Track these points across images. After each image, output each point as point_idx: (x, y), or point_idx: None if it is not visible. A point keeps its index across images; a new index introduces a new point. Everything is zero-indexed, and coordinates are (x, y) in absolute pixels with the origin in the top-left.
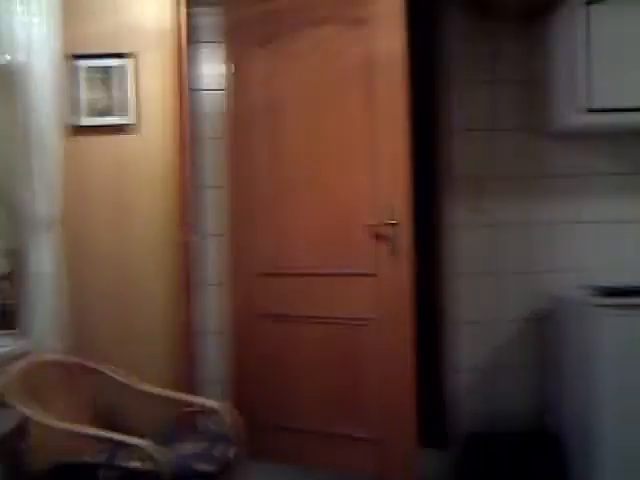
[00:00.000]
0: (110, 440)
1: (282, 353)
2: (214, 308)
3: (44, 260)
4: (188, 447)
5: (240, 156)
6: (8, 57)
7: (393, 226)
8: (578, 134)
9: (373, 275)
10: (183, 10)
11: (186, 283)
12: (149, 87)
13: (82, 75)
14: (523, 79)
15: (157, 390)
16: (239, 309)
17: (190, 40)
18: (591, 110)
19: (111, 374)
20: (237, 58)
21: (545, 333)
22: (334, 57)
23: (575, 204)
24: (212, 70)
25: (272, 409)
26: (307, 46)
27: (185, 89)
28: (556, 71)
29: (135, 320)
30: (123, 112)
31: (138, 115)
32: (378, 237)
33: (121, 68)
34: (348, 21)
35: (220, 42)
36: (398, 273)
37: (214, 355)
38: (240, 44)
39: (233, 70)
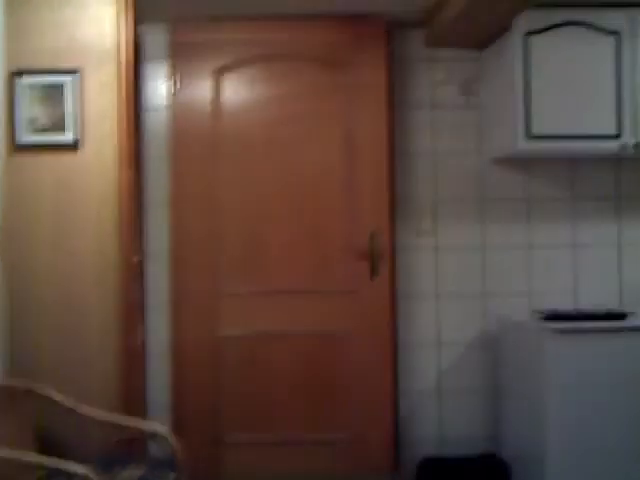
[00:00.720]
0: (49, 467)
1: (250, 371)
2: (165, 329)
3: None
4: (130, 472)
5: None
6: None
7: (374, 248)
8: (522, 159)
9: (354, 292)
10: (130, 27)
11: (131, 303)
12: (93, 104)
13: (24, 92)
14: (468, 105)
15: (101, 414)
16: (196, 329)
17: (137, 57)
18: (531, 137)
19: (53, 397)
20: (184, 78)
21: (494, 357)
22: (304, 88)
23: (521, 228)
24: (159, 88)
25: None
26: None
27: (130, 106)
28: (498, 98)
29: (78, 342)
30: (66, 130)
31: (81, 133)
32: (358, 260)
33: (64, 85)
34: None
35: (166, 61)
36: (379, 292)
37: (165, 376)
38: (188, 66)
39: (177, 90)
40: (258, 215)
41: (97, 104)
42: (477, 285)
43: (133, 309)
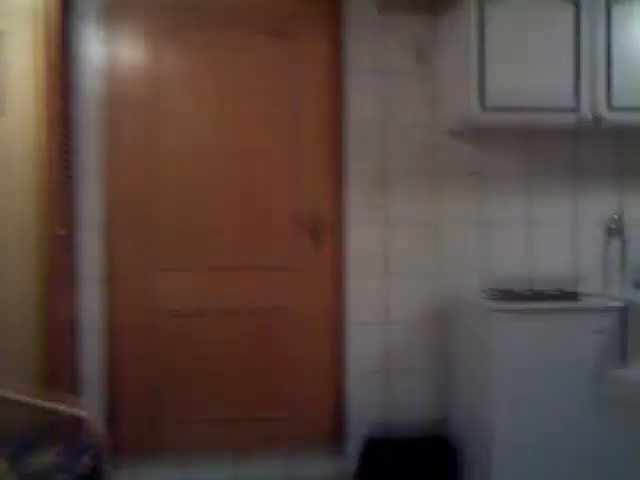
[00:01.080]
0: None
1: (189, 347)
2: (99, 304)
3: None
4: (49, 457)
5: (124, 141)
6: None
7: (317, 221)
8: (476, 132)
9: (297, 268)
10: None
11: (55, 279)
12: (16, 67)
13: None
14: (422, 73)
15: (20, 397)
16: (131, 305)
17: (68, 17)
18: (485, 108)
19: None
20: (119, 42)
21: (445, 337)
22: (247, 57)
23: (474, 202)
24: (93, 51)
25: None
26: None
27: (56, 68)
28: (452, 67)
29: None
30: None
31: (3, 97)
32: (301, 233)
33: None
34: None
35: (100, 22)
36: (323, 267)
37: (99, 353)
38: (124, 28)
39: (111, 53)
40: (198, 187)
41: (20, 66)
42: (428, 262)
43: (58, 285)
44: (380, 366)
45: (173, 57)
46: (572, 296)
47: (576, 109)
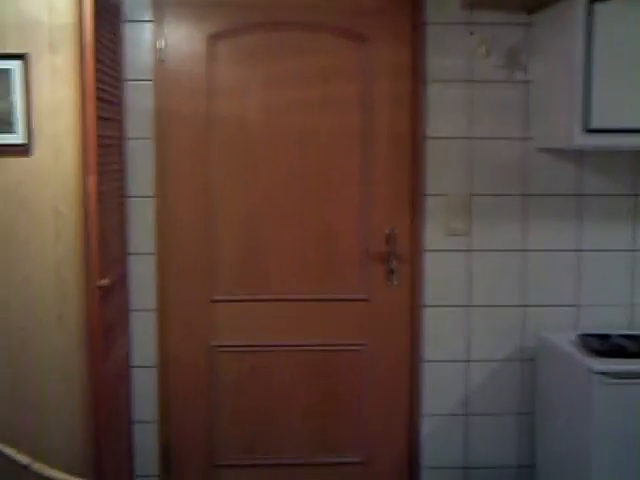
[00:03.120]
0: None
1: (248, 387)
2: (151, 340)
3: None
4: None
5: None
6: None
7: (391, 250)
8: (576, 152)
9: (368, 300)
10: None
11: (96, 333)
12: (45, 96)
13: None
14: (512, 80)
15: (64, 477)
16: (186, 339)
17: (116, 19)
18: (590, 130)
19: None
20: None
21: (531, 379)
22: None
23: (569, 229)
24: (142, 56)
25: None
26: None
27: (92, 97)
28: (551, 76)
29: (30, 384)
30: (9, 129)
31: (29, 132)
32: (374, 262)
33: (10, 73)
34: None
35: (151, 21)
36: (397, 299)
37: (151, 394)
38: (177, 30)
39: (163, 58)
40: (258, 211)
41: (51, 94)
42: (515, 294)
43: (97, 342)
44: (459, 408)
45: (229, 63)
46: None
47: None
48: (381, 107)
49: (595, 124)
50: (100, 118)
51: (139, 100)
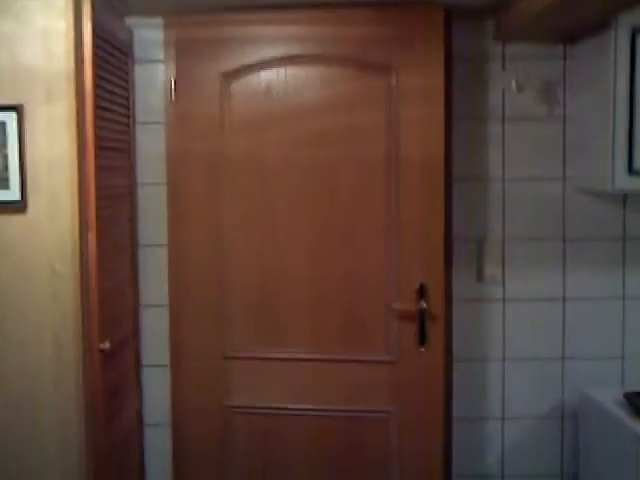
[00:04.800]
0: None
1: (264, 453)
2: (163, 399)
3: None
4: None
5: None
6: None
7: (423, 307)
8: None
9: (396, 363)
10: (88, 42)
11: (97, 401)
12: (41, 149)
13: None
14: (548, 117)
15: None
16: (198, 397)
17: (127, 58)
18: (635, 172)
19: None
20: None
21: (572, 439)
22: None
23: (612, 276)
24: (153, 97)
25: None
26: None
27: (91, 149)
28: (591, 111)
29: (26, 459)
30: (3, 185)
31: (24, 188)
32: (402, 320)
33: (5, 126)
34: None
35: (161, 61)
36: (429, 362)
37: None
38: (189, 69)
39: (175, 99)
40: (276, 261)
41: (48, 147)
42: (555, 347)
43: (99, 411)
44: (494, 469)
45: (244, 101)
46: None
47: None
48: (411, 144)
49: (638, 164)
50: (104, 168)
51: (150, 144)
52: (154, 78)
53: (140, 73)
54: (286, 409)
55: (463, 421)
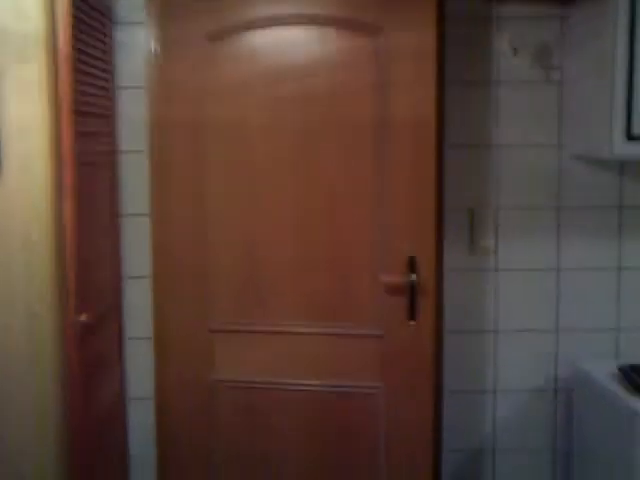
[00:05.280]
0: None
1: (249, 428)
2: (146, 373)
3: None
4: None
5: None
6: None
7: (412, 280)
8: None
9: (384, 337)
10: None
11: (75, 377)
12: (13, 112)
13: None
14: (544, 81)
15: None
16: (182, 370)
17: (106, 21)
18: (632, 137)
19: None
20: (167, 46)
21: (566, 413)
22: (324, 60)
23: (608, 246)
24: (134, 60)
25: None
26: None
27: (68, 112)
28: (588, 76)
29: (2, 437)
30: None
31: (1, 152)
32: (391, 293)
33: None
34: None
35: (142, 23)
36: (418, 335)
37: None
38: (173, 29)
39: (158, 61)
40: (260, 231)
41: (21, 111)
42: (548, 318)
43: (77, 388)
44: (484, 443)
45: (229, 64)
46: None
47: None
48: (400, 109)
49: (638, 129)
50: (82, 134)
51: (132, 109)
52: (135, 40)
53: (121, 35)
54: (272, 383)
55: (455, 394)
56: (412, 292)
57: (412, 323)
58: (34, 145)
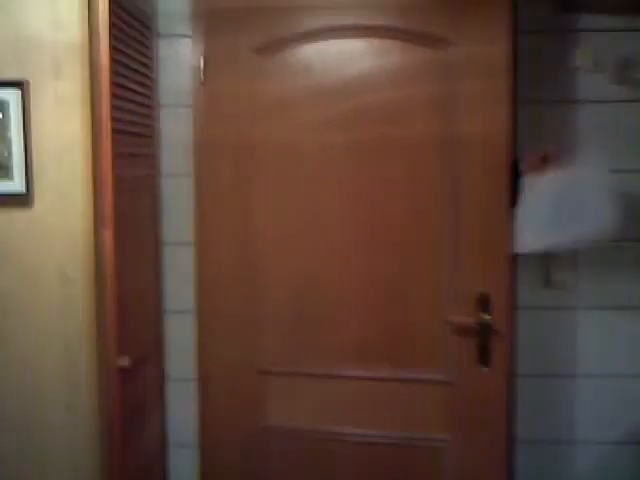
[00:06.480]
0: None
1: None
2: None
3: None
4: None
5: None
6: None
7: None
8: None
9: (453, 384)
10: (103, 9)
11: (114, 425)
12: (49, 132)
13: None
14: (626, 99)
15: None
16: (228, 415)
17: (148, 34)
18: None
19: None
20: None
21: None
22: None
23: None
24: (179, 77)
25: None
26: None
27: (107, 130)
28: None
29: None
30: (5, 174)
31: (29, 178)
32: (461, 334)
33: (8, 105)
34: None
35: (188, 36)
36: (491, 383)
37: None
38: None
39: (204, 79)
40: (314, 264)
41: (57, 130)
42: (632, 362)
43: (116, 437)
44: None
45: (280, 80)
46: None
47: None
48: (471, 128)
49: None
50: (122, 156)
51: (176, 129)
52: (180, 55)
53: (164, 49)
54: (326, 432)
55: (528, 445)
56: (484, 334)
57: (484, 369)
58: (69, 168)
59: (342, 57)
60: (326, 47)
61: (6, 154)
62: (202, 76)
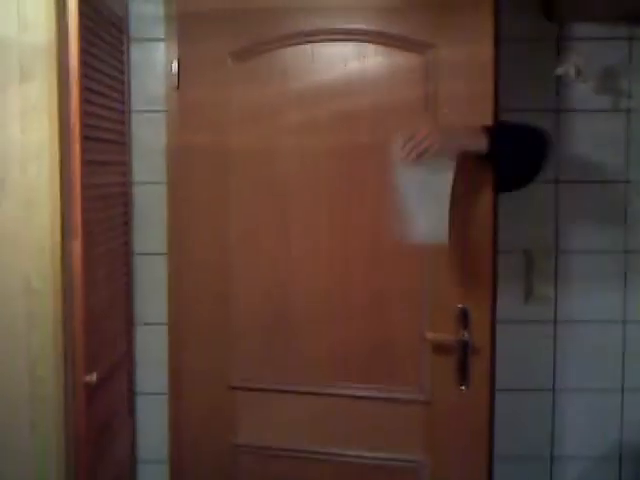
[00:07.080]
0: None
1: None
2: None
3: None
4: None
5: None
6: None
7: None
8: None
9: (431, 403)
10: (73, 9)
11: (81, 444)
12: (14, 137)
13: None
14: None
15: None
16: (199, 433)
17: (121, 37)
18: None
19: None
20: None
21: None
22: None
23: None
24: (152, 82)
25: None
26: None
27: (77, 137)
28: None
29: None
30: None
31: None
32: (439, 353)
33: None
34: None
35: (161, 40)
36: (471, 402)
37: None
38: (195, 46)
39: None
40: (289, 277)
41: (23, 136)
42: (613, 376)
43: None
44: None
45: (257, 85)
46: None
47: None
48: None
49: None
50: (92, 163)
51: (148, 135)
52: (153, 59)
53: (137, 53)
54: (300, 451)
55: (506, 460)
56: (464, 352)
57: (463, 388)
58: (36, 176)
59: (321, 61)
60: (304, 51)
61: None
62: (176, 81)
